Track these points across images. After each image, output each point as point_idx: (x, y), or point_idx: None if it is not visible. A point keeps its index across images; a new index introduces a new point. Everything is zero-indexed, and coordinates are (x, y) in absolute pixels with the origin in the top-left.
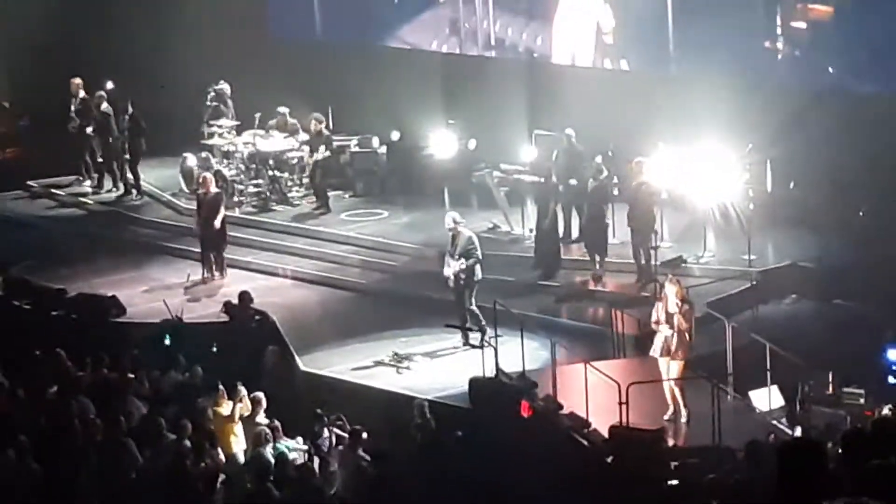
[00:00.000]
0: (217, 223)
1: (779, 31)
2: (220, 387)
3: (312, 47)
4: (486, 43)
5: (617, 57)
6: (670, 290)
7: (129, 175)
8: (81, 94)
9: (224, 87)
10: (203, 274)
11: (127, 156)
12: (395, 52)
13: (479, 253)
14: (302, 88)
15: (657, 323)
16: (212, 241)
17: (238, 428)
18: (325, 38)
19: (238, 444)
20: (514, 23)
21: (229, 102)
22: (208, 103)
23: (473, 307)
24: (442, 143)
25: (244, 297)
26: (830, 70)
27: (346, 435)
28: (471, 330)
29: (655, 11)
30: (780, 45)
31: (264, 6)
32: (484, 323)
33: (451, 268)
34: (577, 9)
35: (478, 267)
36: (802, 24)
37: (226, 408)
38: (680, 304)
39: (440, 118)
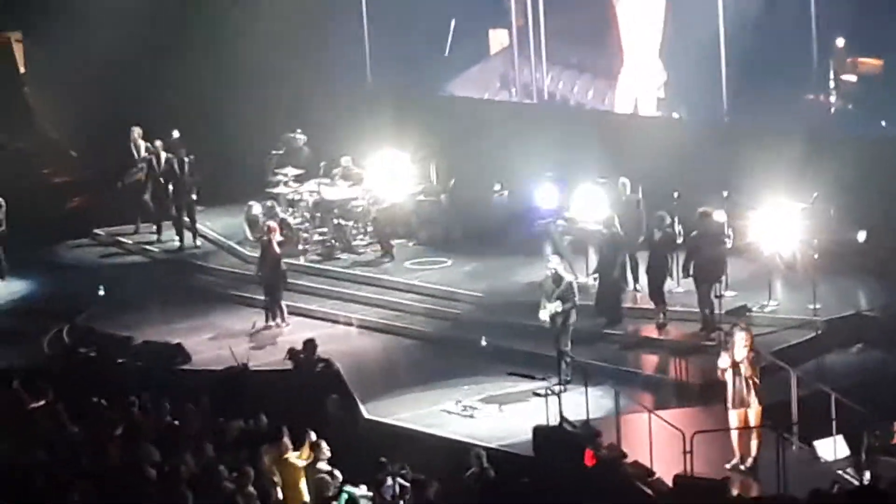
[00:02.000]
0: (277, 270)
1: (831, 84)
2: (285, 436)
3: (376, 95)
4: (538, 96)
5: (670, 110)
6: (739, 338)
7: (187, 220)
8: (142, 143)
9: (298, 136)
10: (266, 321)
11: (192, 198)
12: (447, 99)
13: (576, 298)
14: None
15: (723, 371)
16: (273, 287)
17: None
18: (371, 88)
19: (305, 491)
20: (564, 76)
21: (305, 150)
22: (274, 152)
23: (567, 349)
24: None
25: (309, 344)
26: (883, 123)
27: (408, 484)
28: (533, 377)
29: (709, 65)
30: (832, 98)
31: (328, 54)
32: (569, 368)
33: (548, 310)
34: (631, 63)
35: (573, 311)
36: (853, 78)
37: (293, 455)
38: (748, 351)
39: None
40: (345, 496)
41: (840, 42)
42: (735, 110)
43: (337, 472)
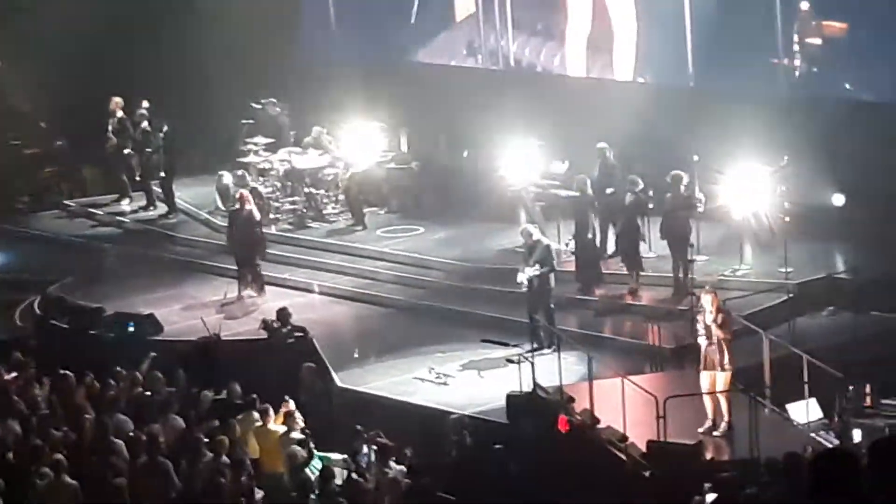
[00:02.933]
0: (252, 240)
1: (796, 47)
2: (269, 406)
3: (341, 65)
4: (504, 63)
5: (636, 74)
6: (706, 301)
7: (167, 193)
8: (120, 113)
9: (272, 105)
10: (239, 292)
11: (162, 173)
12: (416, 67)
13: (554, 263)
14: (336, 106)
15: (699, 335)
16: (247, 258)
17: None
18: (339, 59)
19: (280, 460)
20: (531, 43)
21: (281, 119)
22: (244, 121)
23: (547, 315)
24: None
25: (282, 313)
26: (847, 86)
27: (382, 450)
28: (507, 345)
29: (674, 27)
30: (797, 61)
31: (299, 25)
32: (551, 333)
33: (526, 273)
34: (592, 27)
35: (552, 276)
36: (818, 41)
37: (273, 424)
38: (715, 313)
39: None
40: (318, 462)
41: (805, 5)
42: (700, 74)
43: (312, 441)
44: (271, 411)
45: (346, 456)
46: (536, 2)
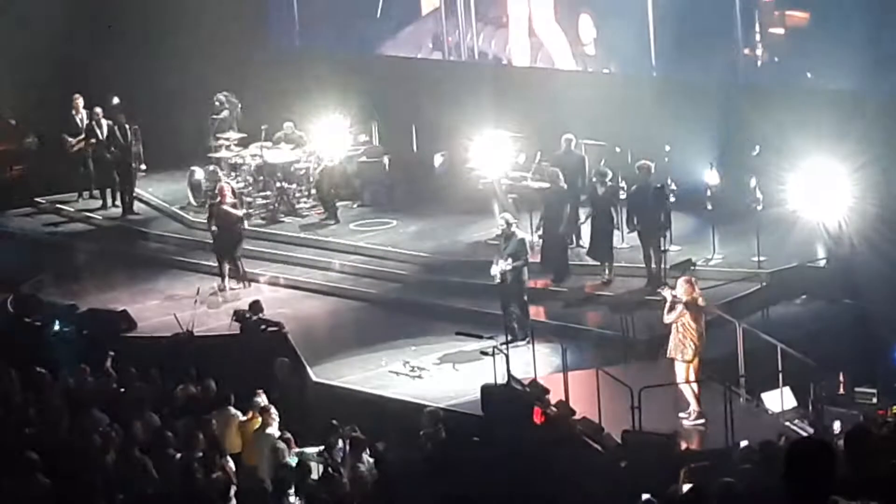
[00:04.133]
0: (233, 233)
1: (757, 37)
2: (259, 399)
3: (316, 58)
4: (469, 57)
5: (599, 67)
6: (681, 289)
7: (127, 193)
8: (83, 110)
9: (224, 100)
10: (221, 285)
11: (134, 166)
12: (385, 60)
13: (528, 256)
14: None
15: (670, 323)
16: (229, 251)
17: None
18: (308, 52)
19: (255, 455)
20: (497, 36)
21: (233, 113)
22: (214, 116)
23: (523, 307)
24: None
25: (255, 306)
26: (809, 75)
27: (356, 445)
28: (481, 337)
29: (636, 19)
30: (758, 51)
31: (265, 19)
32: (525, 325)
33: (499, 266)
34: (554, 21)
35: (525, 269)
36: (780, 31)
37: (244, 420)
38: (691, 300)
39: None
40: (294, 459)
41: None
42: (663, 64)
43: (289, 436)
44: (258, 403)
45: (319, 450)
46: None
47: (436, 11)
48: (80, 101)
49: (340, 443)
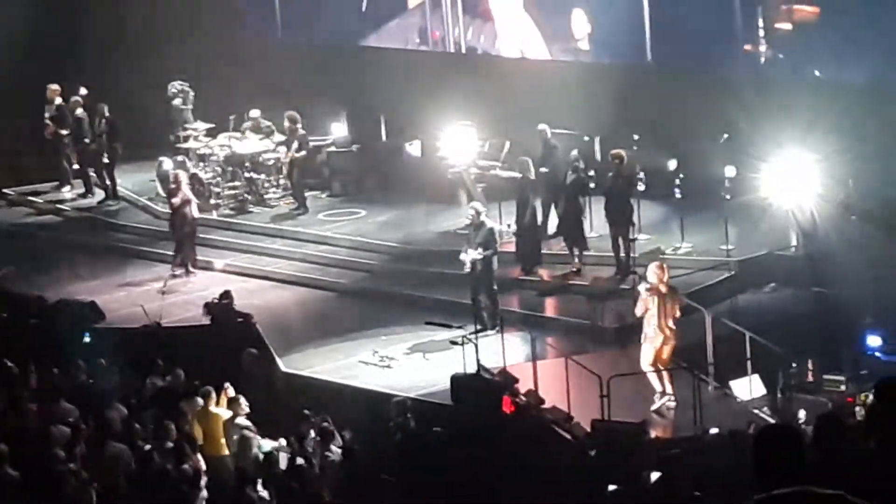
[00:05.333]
0: (188, 219)
1: (761, 32)
2: (211, 388)
3: (283, 48)
4: (456, 50)
5: (594, 60)
6: (652, 274)
7: (107, 180)
8: (58, 100)
9: (183, 86)
10: (175, 270)
11: (105, 160)
12: (363, 51)
13: (497, 245)
14: (275, 89)
15: (645, 310)
16: (183, 236)
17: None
18: (285, 41)
19: (225, 445)
20: (484, 29)
21: (174, 103)
22: (181, 105)
23: (492, 296)
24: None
25: (224, 296)
26: (817, 73)
27: (326, 435)
28: (450, 326)
29: (631, 9)
30: (762, 47)
31: (234, 9)
32: (495, 315)
33: (469, 255)
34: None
35: (495, 258)
36: (788, 26)
37: (220, 409)
38: (662, 286)
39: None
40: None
41: None
42: (658, 56)
43: (253, 428)
44: (213, 394)
45: (282, 441)
46: None
47: (422, 5)
48: (56, 91)
49: (312, 433)
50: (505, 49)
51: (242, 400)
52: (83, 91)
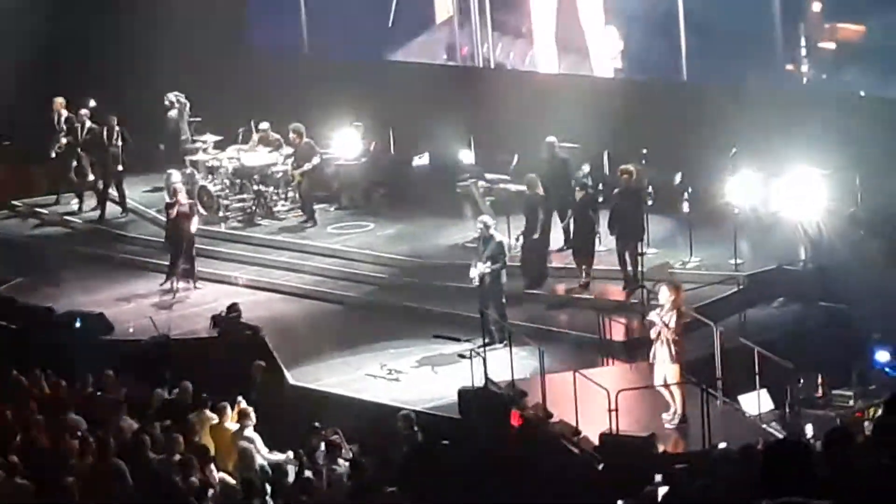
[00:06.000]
0: (188, 233)
1: (803, 52)
2: (227, 404)
3: (296, 61)
4: (485, 66)
5: (621, 71)
6: (663, 294)
7: (115, 192)
8: (65, 112)
9: (178, 97)
10: (172, 285)
11: (120, 168)
12: (378, 65)
13: (506, 259)
14: (286, 101)
15: (651, 328)
16: (183, 251)
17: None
18: (312, 56)
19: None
20: (515, 46)
21: (171, 115)
22: (176, 117)
23: (500, 311)
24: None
25: (232, 308)
26: (862, 94)
27: (334, 447)
28: (458, 340)
29: (665, 26)
30: (804, 67)
31: (243, 21)
32: (503, 329)
33: (478, 269)
34: (579, 33)
35: (503, 272)
36: (831, 45)
37: (231, 424)
38: (674, 307)
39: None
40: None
41: (816, 6)
42: (695, 76)
43: (258, 443)
44: (228, 409)
45: (289, 453)
46: (521, 4)
47: (449, 21)
48: (60, 102)
49: (322, 446)
50: (542, 64)
51: (251, 413)
52: (92, 103)
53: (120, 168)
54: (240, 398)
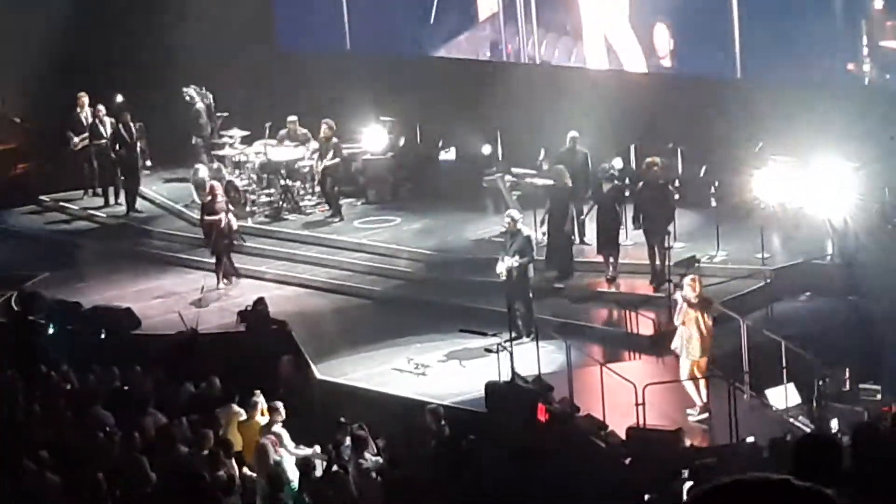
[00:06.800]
0: (224, 230)
1: (865, 51)
2: (259, 398)
3: (324, 55)
4: (530, 62)
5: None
6: (687, 290)
7: (129, 191)
8: (88, 108)
9: (194, 94)
10: (218, 283)
11: (142, 164)
12: (406, 61)
13: (534, 253)
14: (312, 98)
15: (678, 322)
16: (222, 248)
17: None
18: (354, 52)
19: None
20: (559, 43)
21: (198, 107)
22: (219, 114)
23: (529, 305)
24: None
25: (259, 303)
26: None
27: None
28: (485, 334)
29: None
30: (866, 67)
31: (271, 19)
32: (530, 322)
33: (505, 263)
34: (628, 30)
35: (531, 266)
36: (894, 44)
37: (260, 418)
38: (698, 299)
39: (456, 123)
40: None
41: (878, 2)
42: (749, 73)
43: (286, 438)
44: (260, 405)
45: (317, 448)
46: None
47: (492, 18)
48: (86, 99)
49: (348, 440)
50: (591, 61)
51: (281, 408)
52: (119, 98)
53: (141, 164)
54: (257, 393)
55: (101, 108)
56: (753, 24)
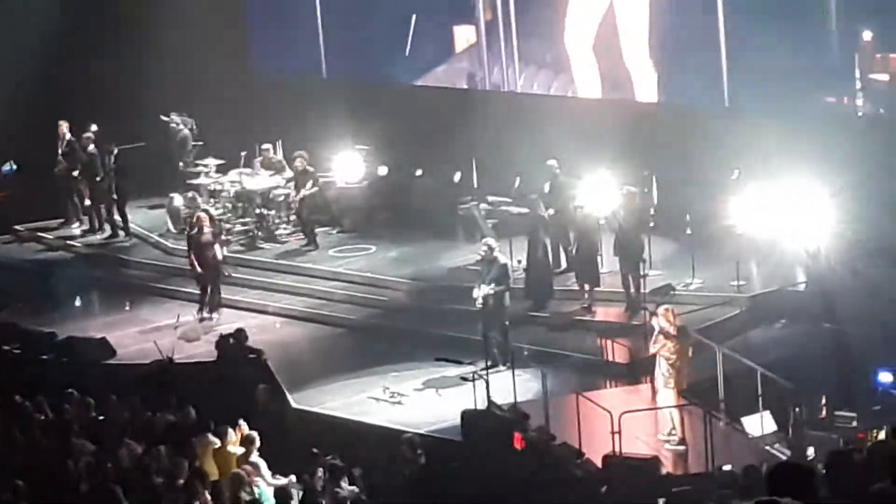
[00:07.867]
0: (212, 261)
1: (857, 84)
2: (229, 427)
3: (299, 83)
4: (485, 90)
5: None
6: (662, 316)
7: (117, 216)
8: (68, 136)
9: (177, 120)
10: (201, 314)
11: (114, 196)
12: (382, 88)
13: (510, 281)
14: (287, 126)
15: (653, 350)
16: (209, 279)
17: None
18: (330, 80)
19: None
20: (539, 76)
21: (183, 133)
22: (193, 143)
23: (503, 333)
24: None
25: (239, 334)
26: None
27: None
28: (461, 362)
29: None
30: (859, 101)
31: (247, 47)
32: (506, 351)
33: (482, 291)
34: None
35: (507, 294)
36: (885, 77)
37: (235, 448)
38: (672, 329)
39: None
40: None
41: (867, 35)
42: (738, 105)
43: (263, 468)
44: (231, 433)
45: (292, 478)
46: (546, 32)
47: (469, 50)
48: (66, 127)
49: (321, 471)
50: (580, 90)
51: (256, 437)
52: (94, 128)
53: (118, 194)
54: (241, 421)
55: (89, 135)
56: (742, 55)
